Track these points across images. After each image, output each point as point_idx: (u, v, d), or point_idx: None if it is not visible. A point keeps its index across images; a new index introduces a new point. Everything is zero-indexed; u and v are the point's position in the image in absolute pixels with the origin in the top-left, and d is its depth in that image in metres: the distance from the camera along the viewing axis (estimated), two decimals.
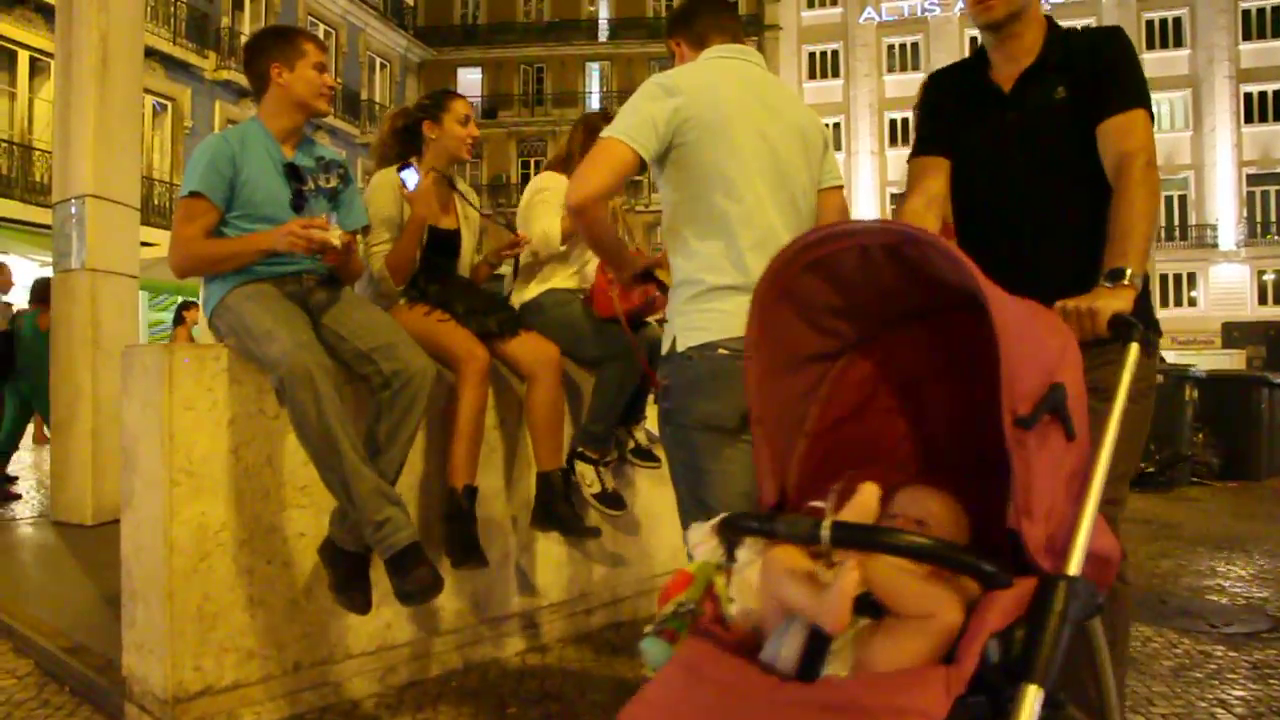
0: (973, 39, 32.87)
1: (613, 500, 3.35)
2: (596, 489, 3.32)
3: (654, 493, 3.89)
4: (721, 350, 2.13)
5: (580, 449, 3.37)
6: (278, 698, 2.72)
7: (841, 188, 2.46)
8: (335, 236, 2.60)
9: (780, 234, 2.18)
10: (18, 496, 7.04)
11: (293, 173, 2.81)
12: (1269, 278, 29.98)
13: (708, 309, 2.17)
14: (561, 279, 3.51)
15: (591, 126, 3.58)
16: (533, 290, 3.49)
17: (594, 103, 33.69)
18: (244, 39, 22.32)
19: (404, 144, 3.34)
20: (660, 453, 3.59)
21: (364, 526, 2.52)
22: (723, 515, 1.53)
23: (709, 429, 2.16)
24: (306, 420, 2.47)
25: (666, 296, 2.36)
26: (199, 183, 2.66)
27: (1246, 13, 30.86)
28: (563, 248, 3.42)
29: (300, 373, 2.45)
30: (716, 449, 2.17)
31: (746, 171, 2.19)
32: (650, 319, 3.44)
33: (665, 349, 2.24)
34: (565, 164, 3.56)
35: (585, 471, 3.33)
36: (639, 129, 2.15)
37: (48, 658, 3.20)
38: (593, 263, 3.63)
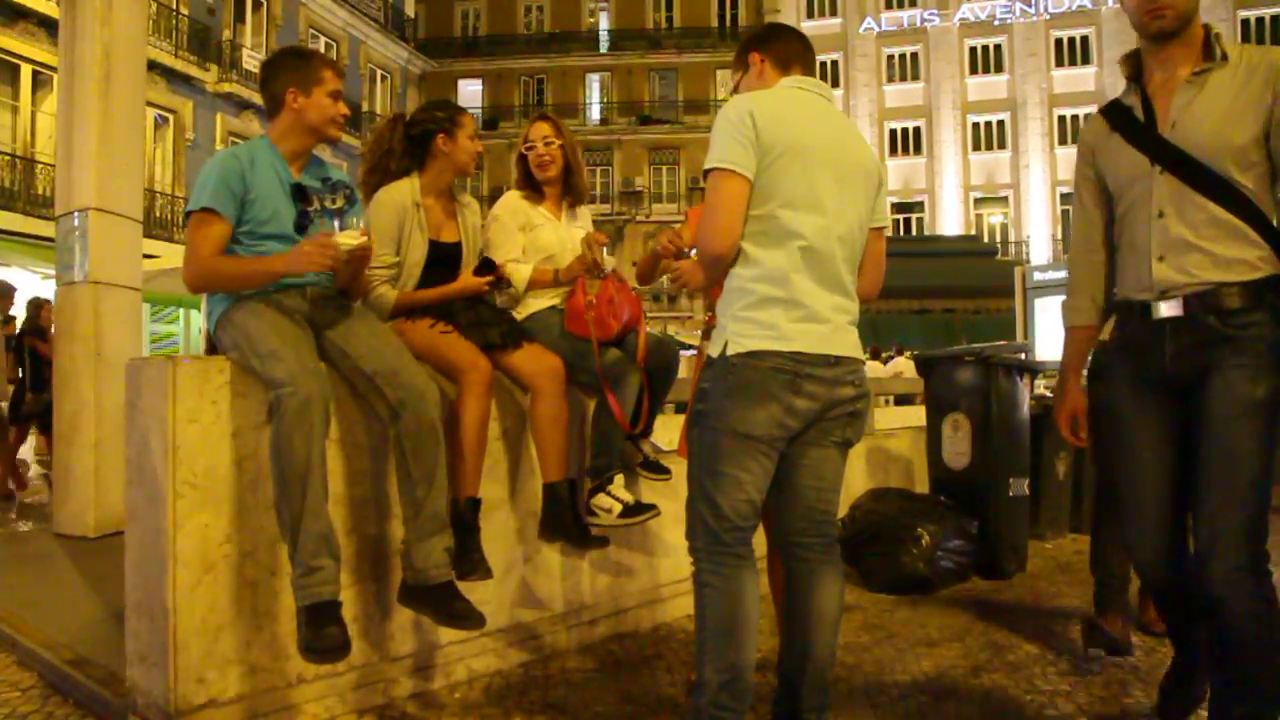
0: (971, 49, 32.98)
1: (636, 510, 3.33)
2: (618, 509, 3.30)
3: (659, 504, 3.88)
4: (766, 362, 2.26)
5: (592, 487, 3.35)
6: (281, 710, 2.71)
7: (883, 230, 2.62)
8: (353, 238, 2.62)
9: (836, 261, 2.37)
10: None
11: (299, 193, 2.82)
12: None
13: (759, 318, 2.29)
14: (546, 299, 3.50)
15: (528, 126, 3.62)
16: (519, 313, 3.49)
17: (595, 114, 33.79)
18: (245, 52, 22.49)
19: (412, 156, 3.34)
20: (669, 463, 3.59)
21: (295, 564, 2.50)
22: None
23: (737, 435, 2.28)
24: (291, 448, 2.45)
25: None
26: (210, 199, 2.67)
27: (1245, 21, 30.96)
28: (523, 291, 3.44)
29: (300, 401, 2.45)
30: (739, 455, 2.30)
31: (814, 198, 2.33)
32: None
33: (715, 351, 2.35)
34: (520, 176, 3.59)
35: (602, 501, 3.32)
36: (743, 155, 2.29)
37: (51, 670, 3.19)
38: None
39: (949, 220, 32.65)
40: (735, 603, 2.31)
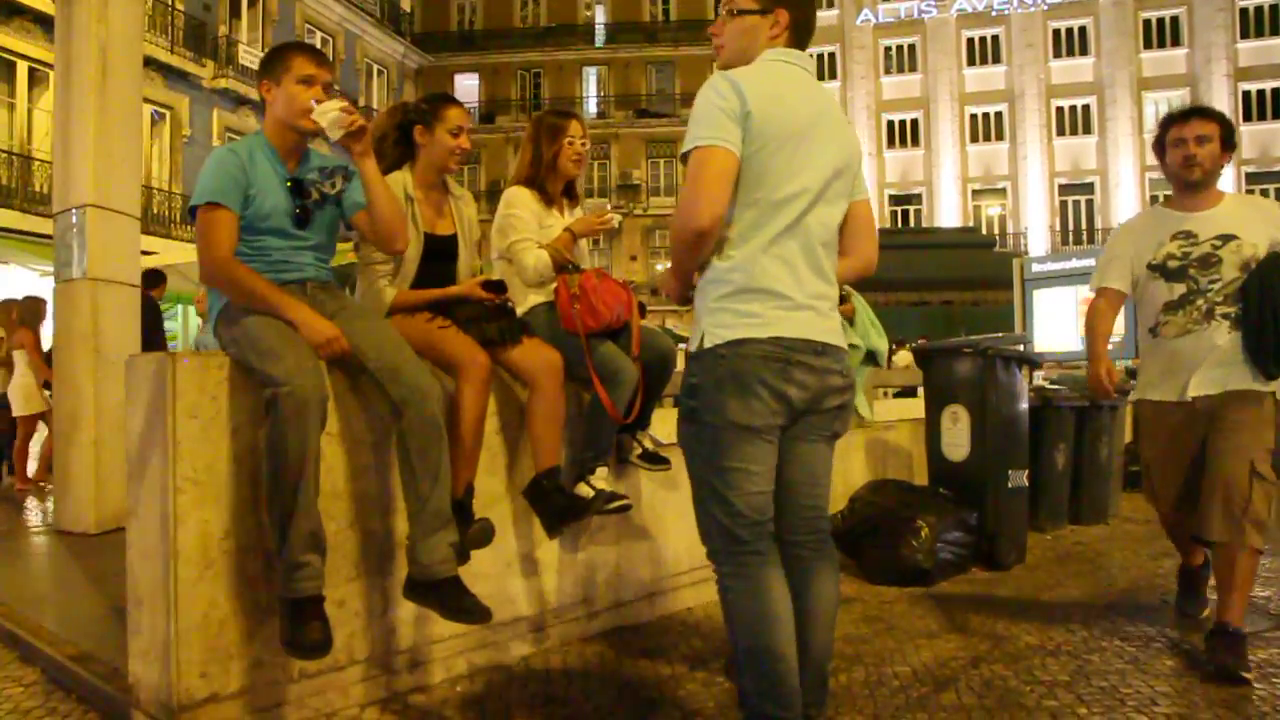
0: (969, 40, 32.94)
1: (608, 499, 3.34)
2: (589, 495, 3.32)
3: (658, 496, 3.89)
4: (754, 350, 2.17)
5: (574, 474, 3.35)
6: (283, 705, 2.72)
7: (866, 199, 2.51)
8: (332, 109, 2.66)
9: (817, 247, 2.27)
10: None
11: (297, 188, 2.82)
12: None
13: (738, 308, 2.20)
14: (537, 295, 3.51)
15: (550, 126, 3.59)
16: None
17: (591, 107, 33.73)
18: (241, 47, 22.46)
19: (402, 146, 3.34)
20: (668, 454, 3.59)
21: (281, 559, 2.51)
22: None
23: (737, 427, 2.18)
24: (286, 447, 2.45)
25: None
26: (215, 192, 2.67)
27: (1244, 11, 30.92)
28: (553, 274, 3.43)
29: (297, 401, 2.44)
30: (742, 447, 2.20)
31: (802, 184, 2.22)
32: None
33: (694, 346, 2.26)
34: (538, 175, 3.57)
35: (581, 489, 3.32)
36: (728, 130, 2.15)
37: (54, 665, 3.20)
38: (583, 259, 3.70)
39: (947, 212, 32.63)
40: (763, 605, 2.19)
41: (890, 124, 33.49)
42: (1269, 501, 3.20)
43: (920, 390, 10.51)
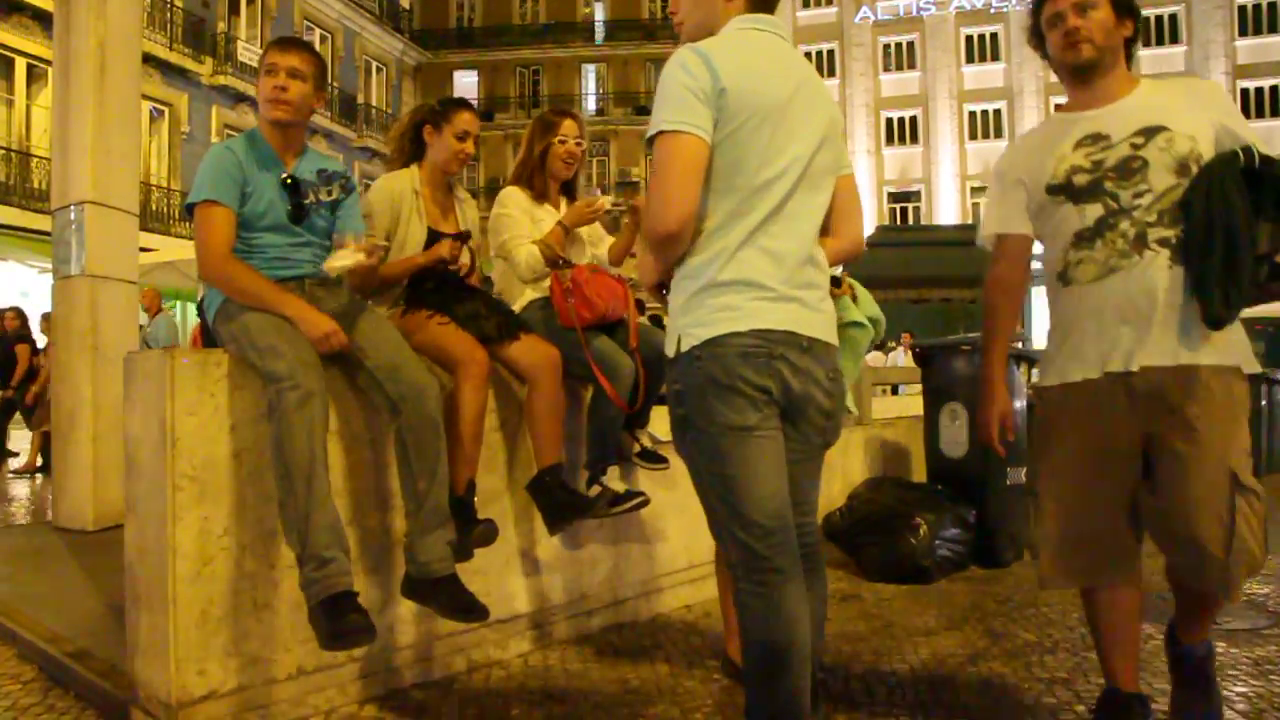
0: (968, 37, 32.91)
1: (625, 498, 3.34)
2: (608, 498, 3.32)
3: (656, 494, 3.88)
4: (732, 347, 1.98)
5: (587, 479, 3.36)
6: (282, 702, 2.72)
7: (851, 174, 2.30)
8: (346, 258, 2.67)
9: (804, 231, 2.08)
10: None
11: (293, 186, 2.81)
12: None
13: (712, 303, 2.01)
14: (533, 291, 3.52)
15: (543, 122, 3.60)
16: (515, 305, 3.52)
17: (590, 105, 33.72)
18: (240, 44, 22.45)
19: (415, 143, 3.38)
20: (667, 452, 3.59)
21: (306, 561, 2.47)
22: None
23: (734, 430, 2.00)
24: (293, 443, 2.44)
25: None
26: (212, 189, 2.67)
27: (1243, 8, 30.87)
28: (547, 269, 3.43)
29: (300, 396, 2.44)
30: (743, 451, 2.01)
31: (785, 165, 2.03)
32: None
33: (671, 351, 2.08)
34: (528, 173, 3.58)
35: (594, 492, 3.34)
36: (698, 114, 1.94)
37: (52, 663, 3.20)
38: (604, 243, 3.70)
39: (946, 209, 32.62)
40: (776, 626, 2.02)
41: (889, 121, 33.46)
42: (1259, 521, 2.22)
43: (904, 388, 10.41)
